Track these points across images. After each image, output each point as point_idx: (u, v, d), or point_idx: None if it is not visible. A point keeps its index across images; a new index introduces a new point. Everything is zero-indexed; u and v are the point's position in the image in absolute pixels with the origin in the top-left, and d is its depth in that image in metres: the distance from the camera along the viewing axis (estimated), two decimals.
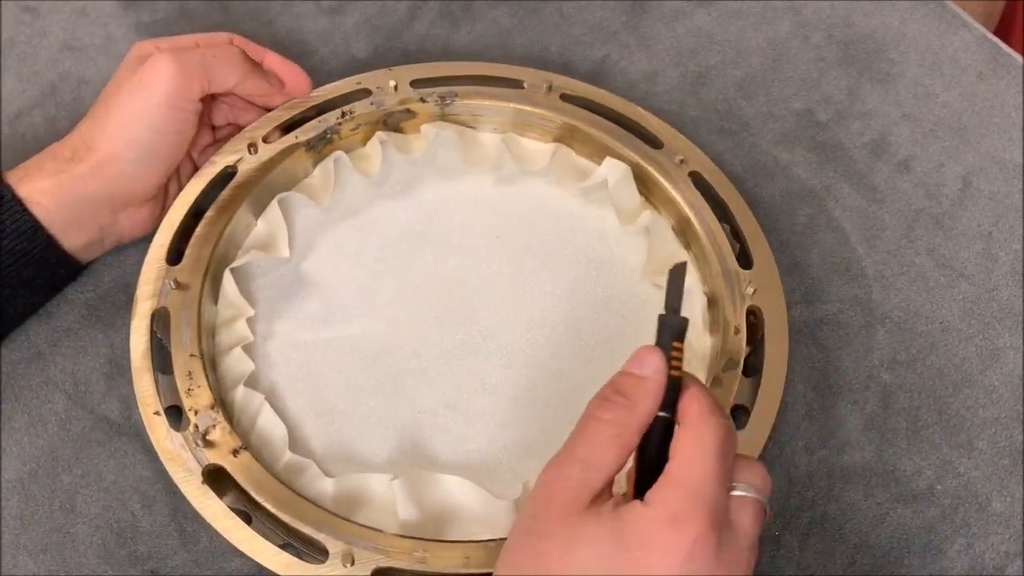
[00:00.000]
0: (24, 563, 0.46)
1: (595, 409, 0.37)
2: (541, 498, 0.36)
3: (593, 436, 0.36)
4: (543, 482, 0.36)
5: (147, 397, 0.47)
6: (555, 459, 0.36)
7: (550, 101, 0.57)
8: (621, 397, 0.37)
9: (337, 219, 0.56)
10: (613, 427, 0.36)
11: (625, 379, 0.37)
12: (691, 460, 0.35)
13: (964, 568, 0.48)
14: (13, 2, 0.65)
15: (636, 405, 0.36)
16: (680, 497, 0.34)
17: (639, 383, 0.37)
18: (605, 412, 0.36)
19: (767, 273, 0.52)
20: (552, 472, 0.36)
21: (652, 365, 0.37)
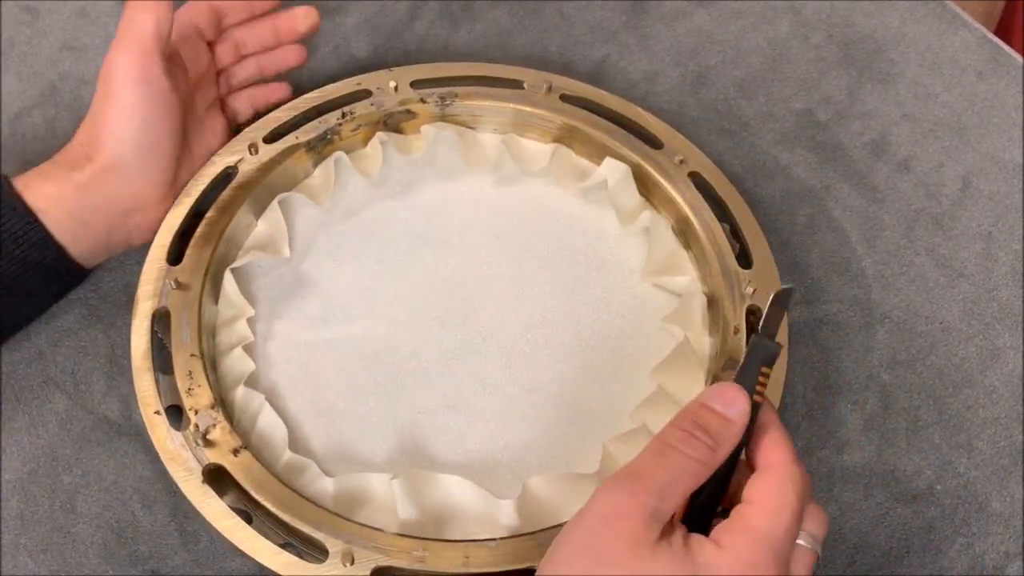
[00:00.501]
0: (24, 563, 0.46)
1: (678, 442, 0.36)
2: (606, 518, 0.34)
3: (673, 469, 0.35)
4: (611, 503, 0.35)
5: (147, 397, 0.47)
6: (624, 481, 0.35)
7: (550, 101, 0.57)
8: (706, 436, 0.36)
9: (337, 219, 0.56)
10: (695, 465, 0.35)
11: (711, 417, 0.36)
12: (772, 511, 0.35)
13: (964, 568, 0.48)
14: (13, 2, 0.65)
15: (719, 447, 0.36)
16: (756, 547, 0.34)
17: (725, 425, 0.36)
18: (689, 448, 0.36)
19: (767, 273, 0.52)
20: (623, 496, 0.35)
21: (739, 408, 0.37)
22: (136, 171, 0.49)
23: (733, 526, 0.35)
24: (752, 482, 0.36)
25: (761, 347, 0.38)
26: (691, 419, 0.37)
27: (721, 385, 0.37)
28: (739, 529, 0.35)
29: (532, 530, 0.44)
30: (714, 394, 0.37)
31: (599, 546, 0.34)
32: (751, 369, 0.38)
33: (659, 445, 0.36)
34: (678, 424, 0.37)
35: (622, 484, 0.35)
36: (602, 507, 0.35)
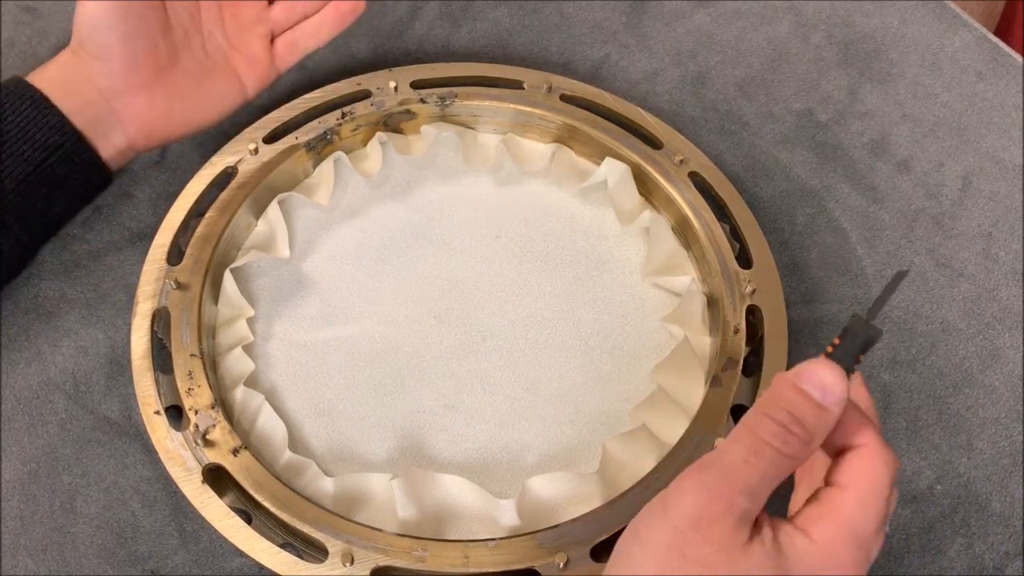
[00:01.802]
0: (24, 563, 0.46)
1: (773, 438, 0.33)
2: (697, 521, 0.32)
3: (768, 468, 0.33)
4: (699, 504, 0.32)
5: (147, 397, 0.47)
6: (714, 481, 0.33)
7: (550, 101, 0.57)
8: (801, 429, 0.33)
9: (337, 219, 0.56)
10: (789, 462, 0.33)
11: (806, 405, 0.33)
12: (866, 499, 0.33)
13: (964, 568, 0.48)
14: (13, 2, 0.65)
15: (813, 440, 0.33)
16: (849, 543, 0.33)
17: (821, 416, 0.33)
18: (785, 445, 0.33)
19: (767, 273, 0.52)
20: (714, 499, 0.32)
21: (837, 396, 0.33)
22: (100, 47, 0.49)
23: (824, 513, 0.33)
24: (844, 464, 0.34)
25: (864, 329, 0.34)
26: (786, 409, 0.33)
27: (818, 364, 0.34)
28: (831, 518, 0.33)
29: (532, 530, 0.44)
30: (811, 376, 0.34)
31: (689, 550, 0.32)
32: (848, 352, 0.34)
33: (752, 439, 0.33)
34: (772, 414, 0.33)
35: (713, 483, 0.32)
36: (692, 507, 0.32)
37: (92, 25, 0.48)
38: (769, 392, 0.34)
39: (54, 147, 0.49)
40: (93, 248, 0.55)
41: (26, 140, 0.48)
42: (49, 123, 0.48)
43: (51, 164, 0.49)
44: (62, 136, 0.49)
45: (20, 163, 0.48)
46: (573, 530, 0.44)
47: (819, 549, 0.33)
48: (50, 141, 0.48)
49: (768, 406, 0.34)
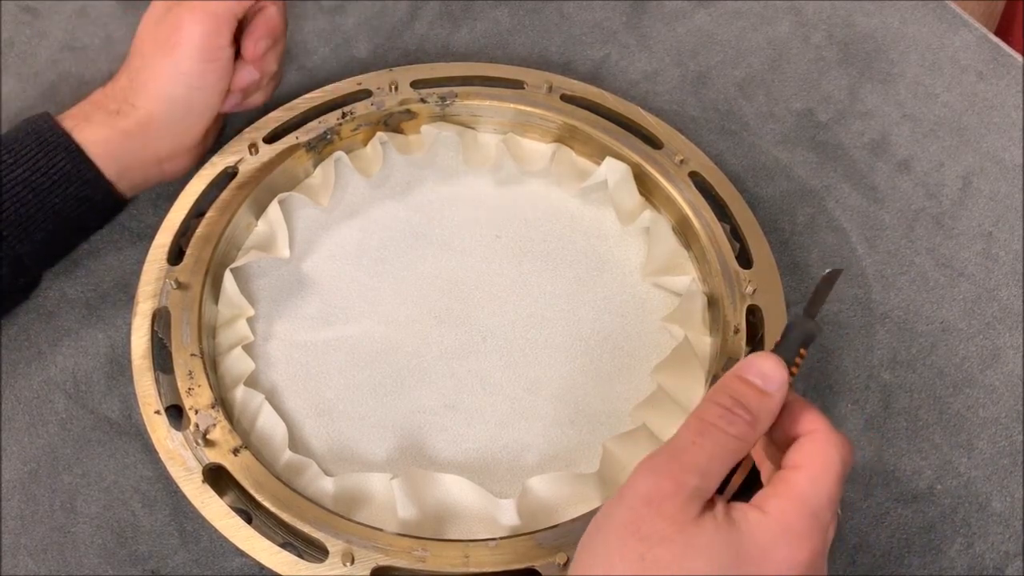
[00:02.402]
0: (24, 563, 0.46)
1: (718, 419, 0.35)
2: (648, 499, 0.34)
3: (714, 448, 0.35)
4: (652, 483, 0.34)
5: (147, 397, 0.47)
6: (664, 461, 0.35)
7: (550, 101, 0.57)
8: (744, 412, 0.35)
9: (337, 219, 0.56)
10: (736, 442, 0.35)
11: (749, 391, 0.36)
12: (817, 476, 0.35)
13: (964, 568, 0.48)
14: (13, 2, 0.65)
15: (758, 422, 0.36)
16: (802, 514, 0.34)
17: (763, 400, 0.36)
18: (730, 426, 0.35)
19: (767, 273, 0.52)
20: (664, 477, 0.34)
21: (777, 381, 0.36)
22: (178, 126, 0.51)
23: (778, 491, 0.35)
24: (796, 447, 0.36)
25: (801, 325, 0.37)
26: (729, 394, 0.36)
27: (759, 356, 0.37)
28: (784, 495, 0.34)
29: (532, 530, 0.44)
30: (751, 366, 0.36)
31: (644, 526, 0.34)
32: (789, 347, 0.37)
33: (698, 423, 0.35)
34: (716, 400, 0.36)
35: (662, 464, 0.35)
36: (643, 487, 0.34)
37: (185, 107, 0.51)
38: (715, 385, 0.37)
39: (86, 199, 0.50)
40: (93, 248, 0.55)
41: (59, 193, 0.49)
42: (85, 177, 0.49)
43: (80, 215, 0.50)
44: (96, 190, 0.50)
45: (51, 215, 0.49)
46: (573, 530, 0.44)
47: (772, 520, 0.34)
48: (83, 194, 0.49)
49: (713, 394, 0.36)
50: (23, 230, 0.48)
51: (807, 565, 0.34)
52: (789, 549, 0.33)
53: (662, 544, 0.33)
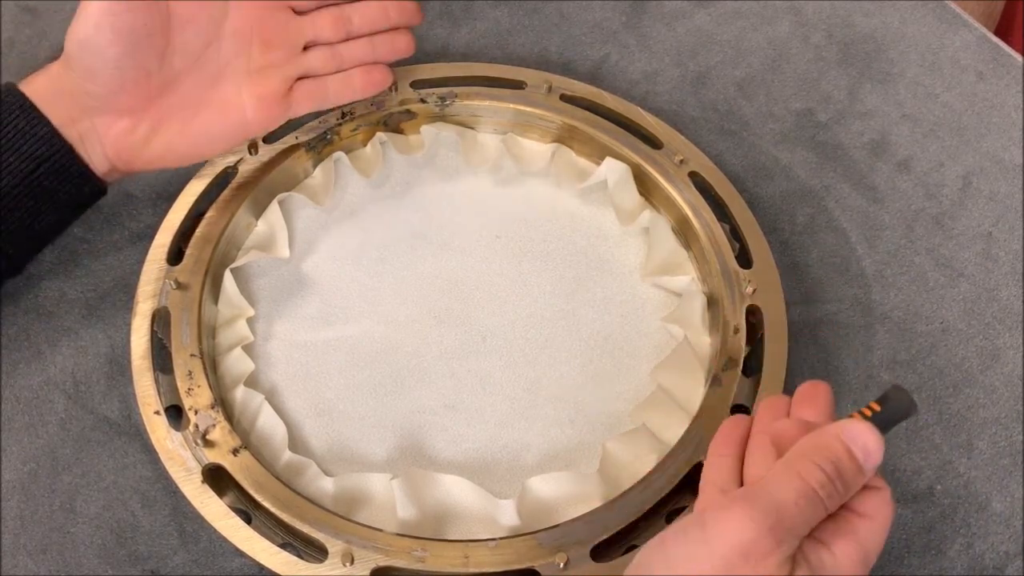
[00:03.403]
0: (24, 563, 0.46)
1: (820, 489, 0.34)
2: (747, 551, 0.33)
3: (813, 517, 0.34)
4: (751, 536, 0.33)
5: (147, 397, 0.47)
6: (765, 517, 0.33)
7: (550, 101, 0.57)
8: (842, 485, 0.35)
9: (337, 219, 0.56)
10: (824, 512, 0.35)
11: (851, 466, 0.35)
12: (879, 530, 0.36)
13: (964, 568, 0.48)
14: (13, 2, 0.65)
15: (845, 497, 0.35)
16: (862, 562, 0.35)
17: (857, 478, 0.35)
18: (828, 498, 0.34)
19: (767, 273, 0.52)
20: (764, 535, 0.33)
21: (874, 462, 0.35)
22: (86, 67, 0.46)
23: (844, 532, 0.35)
24: (866, 497, 0.36)
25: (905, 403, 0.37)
26: (834, 463, 0.35)
27: (866, 429, 0.35)
28: (850, 539, 0.35)
29: (532, 530, 0.44)
30: (857, 437, 0.35)
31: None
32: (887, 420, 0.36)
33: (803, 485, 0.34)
34: (822, 465, 0.35)
35: (764, 519, 0.33)
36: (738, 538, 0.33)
37: (81, 43, 0.46)
38: (816, 439, 0.36)
39: (42, 159, 0.46)
40: (93, 248, 0.55)
41: (13, 151, 0.46)
42: (38, 134, 0.46)
43: (39, 176, 0.47)
44: (51, 148, 0.47)
45: (6, 175, 0.46)
46: (573, 530, 0.44)
47: (838, 562, 0.35)
48: (38, 153, 0.46)
49: (818, 455, 0.35)
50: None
51: None
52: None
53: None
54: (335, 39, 0.53)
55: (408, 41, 0.54)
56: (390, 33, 0.54)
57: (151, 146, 0.49)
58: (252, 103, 0.51)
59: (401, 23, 0.54)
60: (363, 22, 0.53)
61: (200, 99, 0.50)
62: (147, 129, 0.49)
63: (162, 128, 0.49)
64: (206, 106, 0.50)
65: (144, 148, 0.49)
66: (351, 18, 0.53)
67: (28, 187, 0.47)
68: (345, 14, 0.53)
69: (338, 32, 0.53)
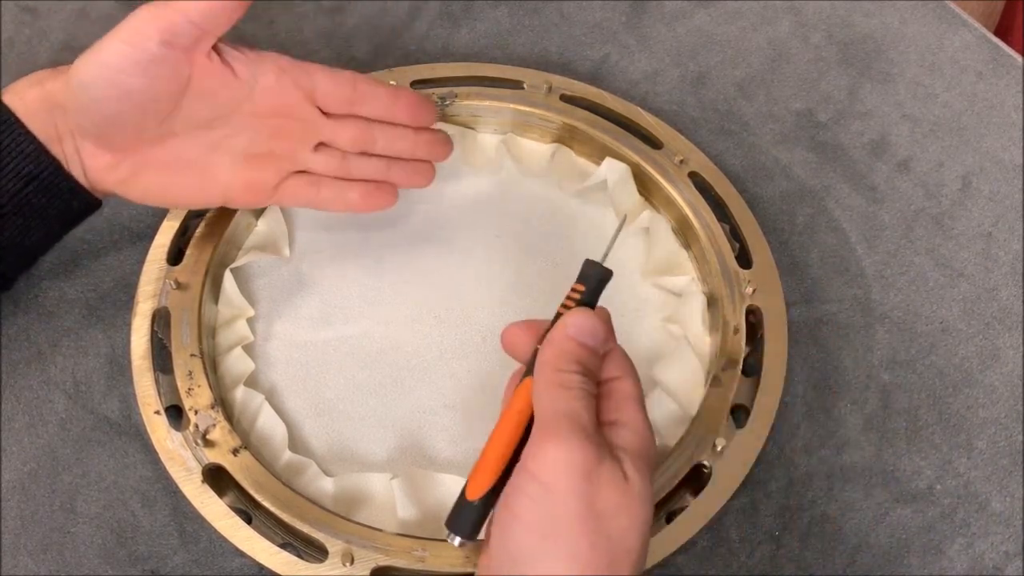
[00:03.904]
0: (24, 563, 0.46)
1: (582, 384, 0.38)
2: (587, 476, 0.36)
3: (592, 410, 0.38)
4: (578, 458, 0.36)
5: (147, 397, 0.47)
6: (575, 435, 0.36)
7: (550, 102, 0.57)
8: (592, 373, 0.39)
9: (337, 219, 0.56)
10: (593, 399, 0.39)
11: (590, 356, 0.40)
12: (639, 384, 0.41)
13: (964, 568, 0.48)
14: (13, 2, 0.65)
15: (598, 375, 0.40)
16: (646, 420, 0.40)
17: (596, 359, 0.40)
18: (590, 387, 0.39)
19: (767, 273, 0.52)
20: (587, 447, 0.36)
21: (602, 340, 0.40)
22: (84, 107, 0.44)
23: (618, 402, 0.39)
24: (608, 361, 0.40)
25: (600, 272, 0.42)
26: (580, 362, 0.38)
27: (585, 320, 0.39)
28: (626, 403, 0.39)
29: None
30: (587, 332, 0.39)
31: (597, 504, 0.34)
32: (595, 294, 0.41)
33: (580, 392, 0.37)
34: (573, 368, 0.38)
35: (574, 437, 0.35)
36: (574, 466, 0.35)
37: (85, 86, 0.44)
38: (557, 348, 0.39)
39: (30, 177, 0.45)
40: (93, 248, 0.55)
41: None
42: (24, 151, 0.44)
43: (27, 195, 0.45)
44: (38, 166, 0.45)
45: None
46: None
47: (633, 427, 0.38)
48: (25, 171, 0.44)
49: (565, 362, 0.38)
50: None
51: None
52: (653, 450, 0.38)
53: (620, 513, 0.35)
54: (351, 151, 0.50)
55: (429, 175, 0.52)
56: (413, 163, 0.51)
57: (129, 186, 0.47)
58: (239, 186, 0.48)
59: (427, 157, 0.51)
60: (386, 145, 0.50)
61: (188, 162, 0.47)
62: (128, 171, 0.47)
63: (143, 174, 0.47)
64: (192, 170, 0.47)
65: (119, 185, 0.47)
66: (376, 138, 0.50)
67: (17, 205, 0.45)
68: (372, 132, 0.49)
69: (356, 145, 0.49)
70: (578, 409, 0.36)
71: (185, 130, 0.46)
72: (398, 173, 0.51)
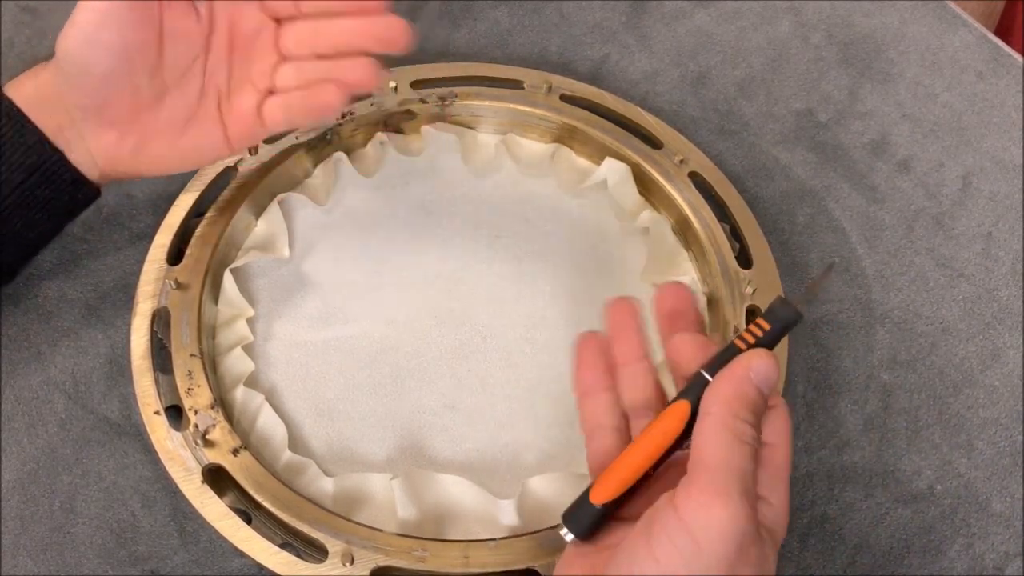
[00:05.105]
0: (24, 563, 0.46)
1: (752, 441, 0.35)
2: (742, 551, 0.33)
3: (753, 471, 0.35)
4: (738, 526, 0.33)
5: (147, 397, 0.47)
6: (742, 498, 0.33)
7: (550, 101, 0.57)
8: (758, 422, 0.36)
9: (337, 219, 0.56)
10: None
11: (763, 404, 0.36)
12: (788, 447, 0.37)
13: (964, 568, 0.48)
14: (13, 2, 0.65)
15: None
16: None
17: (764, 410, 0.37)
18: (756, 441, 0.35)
19: (767, 273, 0.52)
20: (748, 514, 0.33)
21: (772, 387, 0.36)
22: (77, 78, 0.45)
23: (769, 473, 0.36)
24: (768, 422, 0.36)
25: (791, 314, 0.37)
26: (755, 412, 0.35)
27: (774, 369, 0.35)
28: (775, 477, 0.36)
29: (532, 530, 0.44)
30: (769, 382, 0.35)
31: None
32: (777, 338, 0.37)
33: (741, 445, 0.34)
34: (748, 419, 0.35)
35: (741, 500, 0.33)
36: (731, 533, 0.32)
37: (70, 55, 0.44)
38: (733, 388, 0.35)
39: (33, 168, 0.45)
40: (93, 248, 0.55)
41: (2, 162, 0.45)
42: (27, 143, 0.45)
43: (30, 186, 0.46)
44: (41, 157, 0.45)
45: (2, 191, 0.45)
46: None
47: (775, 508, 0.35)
48: (28, 162, 0.45)
49: (741, 408, 0.35)
50: None
51: None
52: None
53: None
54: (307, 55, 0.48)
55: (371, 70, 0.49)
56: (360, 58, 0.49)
57: (139, 158, 0.48)
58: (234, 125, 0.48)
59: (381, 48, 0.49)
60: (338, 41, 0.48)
61: (186, 115, 0.47)
62: (134, 143, 0.47)
63: (149, 143, 0.47)
64: (193, 126, 0.48)
65: (132, 160, 0.47)
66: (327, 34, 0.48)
67: (20, 197, 0.46)
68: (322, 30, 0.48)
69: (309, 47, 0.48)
70: (751, 471, 0.34)
71: (174, 81, 0.46)
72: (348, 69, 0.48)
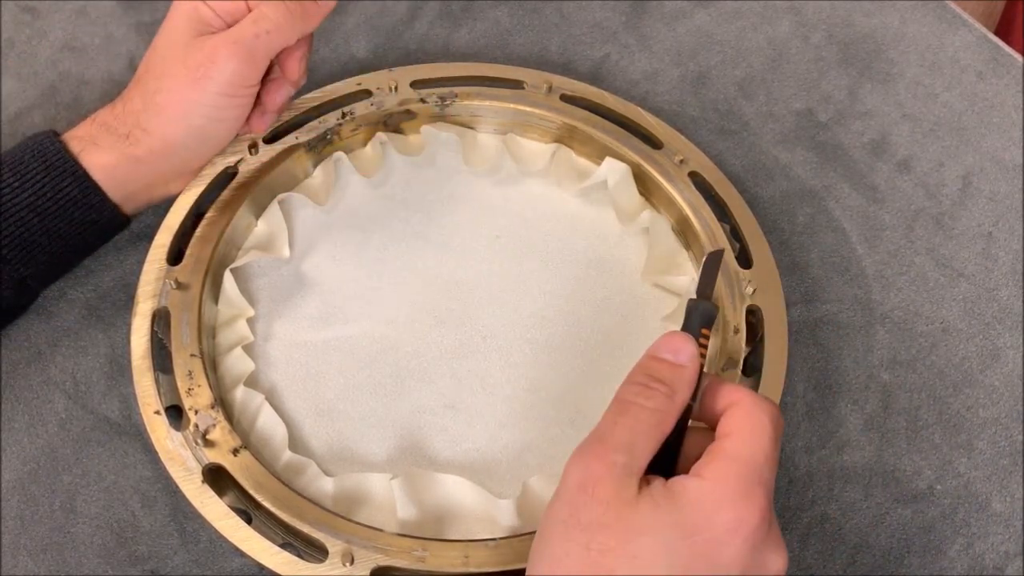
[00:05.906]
0: (24, 563, 0.46)
1: (635, 396, 0.36)
2: (582, 486, 0.34)
3: (636, 424, 0.36)
4: (581, 470, 0.35)
5: (147, 397, 0.47)
6: (590, 447, 0.35)
7: (550, 101, 0.57)
8: (661, 385, 0.36)
9: (337, 219, 0.56)
10: (656, 415, 0.36)
11: (662, 366, 0.37)
12: (749, 439, 0.35)
13: (964, 568, 0.48)
14: (13, 2, 0.65)
15: (676, 393, 0.37)
16: (740, 473, 0.34)
17: (678, 372, 0.37)
18: (647, 400, 0.36)
19: (767, 273, 0.52)
20: (591, 460, 0.35)
21: (688, 353, 0.37)
22: (191, 153, 0.51)
23: (712, 458, 0.35)
24: (724, 419, 0.36)
25: (699, 308, 0.39)
26: (644, 372, 0.37)
27: (667, 335, 0.38)
28: (719, 458, 0.35)
29: (532, 530, 0.44)
30: (661, 345, 0.38)
31: (582, 514, 0.34)
32: (692, 328, 0.38)
33: (618, 404, 0.37)
34: (633, 380, 0.37)
35: (589, 450, 0.35)
36: (575, 477, 0.35)
37: (201, 137, 0.50)
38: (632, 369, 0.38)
39: (92, 223, 0.49)
40: None
41: (63, 218, 0.48)
42: (91, 202, 0.49)
43: (84, 236, 0.50)
44: (101, 214, 0.49)
45: (55, 239, 0.48)
46: None
47: (711, 483, 0.34)
48: (88, 218, 0.49)
49: (630, 375, 0.38)
50: (27, 253, 0.48)
51: (756, 525, 0.34)
52: (734, 509, 0.33)
53: (603, 530, 0.33)
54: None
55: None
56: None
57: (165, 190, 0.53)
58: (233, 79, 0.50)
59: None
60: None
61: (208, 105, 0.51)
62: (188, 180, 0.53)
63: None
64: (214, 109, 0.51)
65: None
66: None
67: (73, 247, 0.50)
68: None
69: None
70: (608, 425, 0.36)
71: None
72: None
